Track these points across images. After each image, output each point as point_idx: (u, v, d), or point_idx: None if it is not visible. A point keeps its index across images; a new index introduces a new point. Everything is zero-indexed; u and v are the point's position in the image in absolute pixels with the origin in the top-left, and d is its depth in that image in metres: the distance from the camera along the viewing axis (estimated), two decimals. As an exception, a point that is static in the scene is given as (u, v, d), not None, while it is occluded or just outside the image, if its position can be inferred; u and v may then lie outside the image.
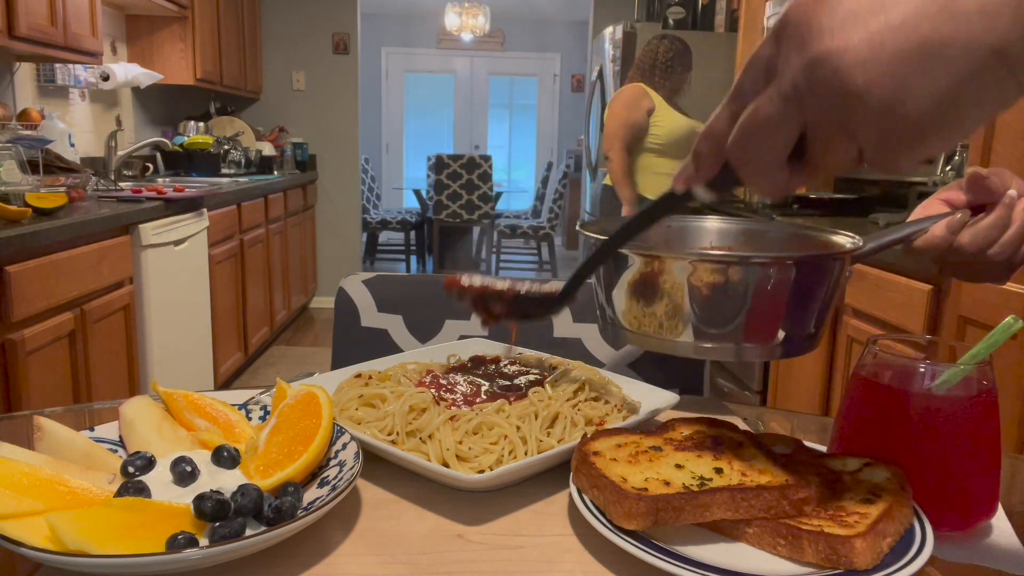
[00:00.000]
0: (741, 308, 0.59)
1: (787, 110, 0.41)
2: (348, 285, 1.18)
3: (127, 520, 0.50)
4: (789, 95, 0.41)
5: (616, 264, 0.63)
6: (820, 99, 0.40)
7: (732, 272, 0.59)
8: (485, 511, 0.62)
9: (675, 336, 0.62)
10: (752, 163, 0.44)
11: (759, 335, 0.61)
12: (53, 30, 2.57)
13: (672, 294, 0.60)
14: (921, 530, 0.54)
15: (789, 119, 0.41)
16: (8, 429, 0.85)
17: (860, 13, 0.38)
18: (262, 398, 0.74)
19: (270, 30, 5.23)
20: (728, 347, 0.61)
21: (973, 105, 0.37)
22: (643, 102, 3.27)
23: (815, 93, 0.40)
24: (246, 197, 3.71)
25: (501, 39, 8.53)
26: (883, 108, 0.38)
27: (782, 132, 0.42)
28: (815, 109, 0.40)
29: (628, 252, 0.62)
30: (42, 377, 1.95)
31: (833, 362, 2.42)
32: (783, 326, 0.61)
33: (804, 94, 0.40)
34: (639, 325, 0.63)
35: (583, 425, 0.70)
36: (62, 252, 2.03)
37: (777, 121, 0.42)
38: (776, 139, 0.42)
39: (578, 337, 1.15)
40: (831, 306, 0.62)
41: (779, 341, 0.61)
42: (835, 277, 0.61)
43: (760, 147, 0.43)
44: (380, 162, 8.62)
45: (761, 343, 0.61)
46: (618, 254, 0.62)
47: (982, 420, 0.59)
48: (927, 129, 0.38)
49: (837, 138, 0.41)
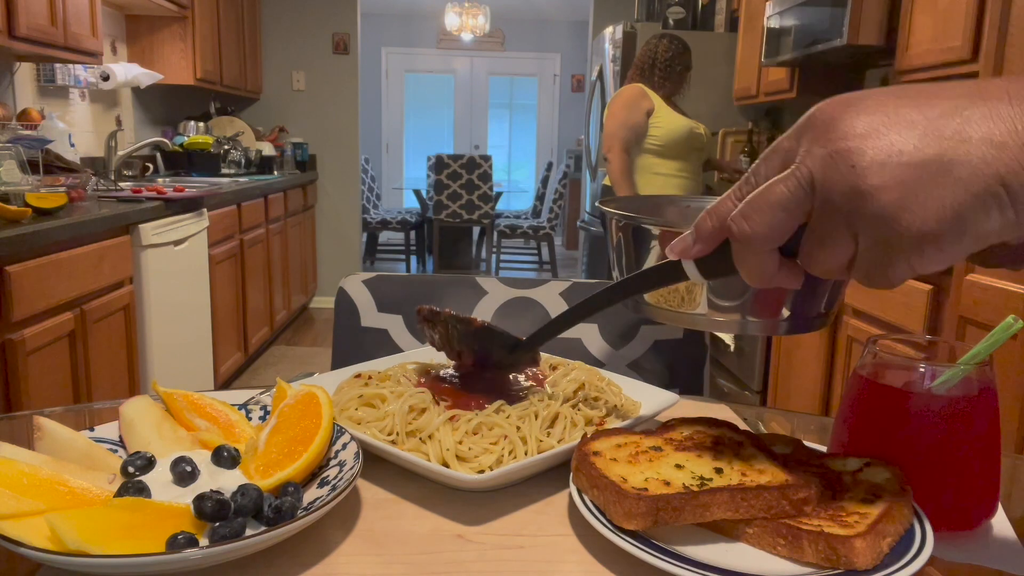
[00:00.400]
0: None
1: (799, 193, 0.43)
2: (348, 285, 1.18)
3: (127, 520, 0.50)
4: (804, 180, 0.43)
5: (638, 241, 0.63)
6: (832, 190, 0.42)
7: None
8: (485, 511, 0.62)
9: (692, 309, 0.62)
10: (749, 240, 0.45)
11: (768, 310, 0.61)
12: (53, 30, 2.57)
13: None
14: (921, 530, 0.54)
15: (798, 202, 0.43)
16: (8, 429, 0.85)
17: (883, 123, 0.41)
18: (262, 398, 0.74)
19: (270, 30, 5.23)
20: (738, 320, 0.61)
21: (973, 226, 0.40)
22: (642, 103, 3.26)
23: (829, 183, 0.42)
24: (246, 197, 3.71)
25: (501, 39, 8.53)
26: (890, 211, 0.40)
27: (788, 213, 0.44)
28: (825, 199, 0.42)
29: (651, 227, 0.62)
30: (42, 377, 1.95)
31: (833, 362, 2.42)
32: (793, 302, 0.61)
33: (818, 182, 0.42)
34: (660, 300, 0.63)
35: (583, 425, 0.70)
36: (62, 252, 2.03)
37: (786, 200, 0.43)
38: (779, 219, 0.44)
39: (578, 337, 1.15)
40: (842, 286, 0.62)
41: (786, 316, 0.61)
42: None
43: (763, 222, 0.44)
44: (380, 162, 8.62)
45: (771, 318, 0.61)
46: (641, 230, 0.63)
47: (982, 420, 0.59)
48: (925, 240, 0.40)
49: (837, 232, 0.43)
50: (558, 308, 1.16)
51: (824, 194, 0.42)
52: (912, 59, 2.51)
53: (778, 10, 3.40)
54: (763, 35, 3.60)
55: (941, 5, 2.35)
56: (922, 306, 1.96)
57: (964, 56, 2.23)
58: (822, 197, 0.42)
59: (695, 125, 3.34)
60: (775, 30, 3.45)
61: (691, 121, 3.35)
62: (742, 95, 4.16)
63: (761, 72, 3.84)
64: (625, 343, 1.14)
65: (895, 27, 2.67)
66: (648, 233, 0.62)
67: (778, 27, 3.41)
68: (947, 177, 0.39)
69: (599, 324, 1.15)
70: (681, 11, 4.63)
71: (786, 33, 3.32)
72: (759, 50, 3.72)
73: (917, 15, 2.49)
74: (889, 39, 2.74)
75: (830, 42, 2.90)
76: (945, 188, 0.39)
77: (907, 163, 0.40)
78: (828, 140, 0.42)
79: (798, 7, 3.19)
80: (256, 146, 4.76)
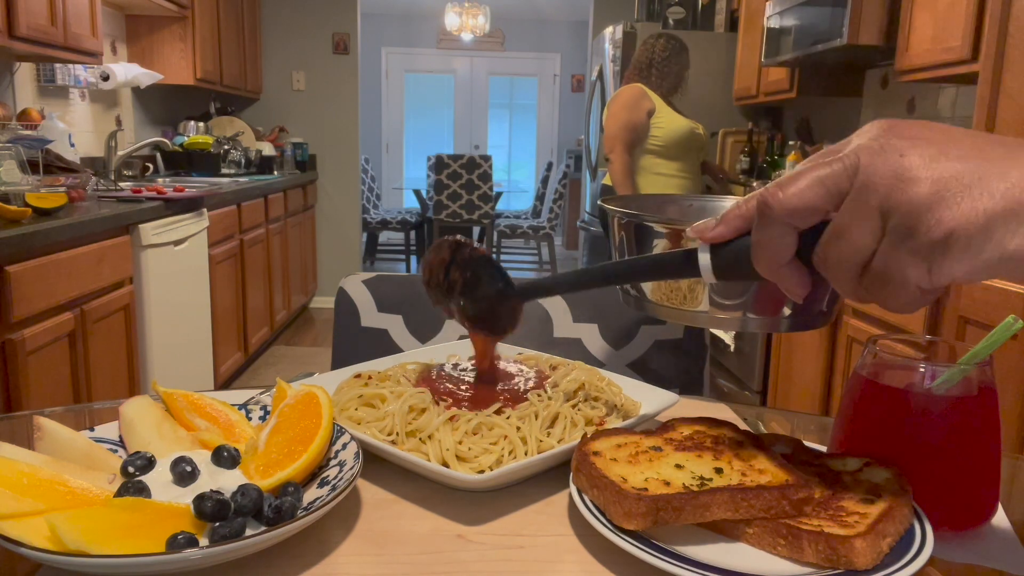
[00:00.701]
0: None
1: (840, 173, 0.45)
2: (348, 285, 1.18)
3: (127, 520, 0.50)
4: (849, 163, 0.44)
5: (640, 239, 0.63)
6: (875, 173, 0.43)
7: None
8: (485, 511, 0.62)
9: (694, 306, 0.62)
10: (781, 204, 0.46)
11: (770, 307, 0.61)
12: (53, 30, 2.57)
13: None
14: (921, 530, 0.54)
15: (837, 181, 0.45)
16: (8, 429, 0.85)
17: (934, 136, 0.44)
18: (262, 398, 0.74)
19: (270, 30, 5.23)
20: (739, 317, 0.61)
21: (999, 237, 0.41)
22: (643, 103, 3.26)
23: (872, 168, 0.43)
24: (246, 197, 3.71)
25: (501, 39, 8.53)
26: (927, 200, 0.42)
27: (824, 189, 0.45)
28: (865, 181, 0.44)
29: (654, 225, 0.62)
30: (42, 377, 1.95)
31: (833, 362, 2.42)
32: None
33: (863, 167, 0.44)
34: (661, 297, 0.64)
35: (583, 425, 0.70)
36: (62, 252, 2.03)
37: (826, 176, 0.45)
38: (815, 192, 0.45)
39: (578, 337, 1.15)
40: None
41: (788, 313, 0.61)
42: None
43: (797, 192, 0.46)
44: (380, 162, 8.62)
45: (773, 315, 0.61)
46: (644, 228, 0.62)
47: (982, 420, 0.59)
48: (951, 239, 0.42)
49: (865, 217, 0.44)
50: (558, 308, 1.16)
51: (865, 177, 0.44)
52: (912, 59, 2.51)
53: (778, 10, 3.40)
54: (763, 35, 3.60)
55: (941, 5, 2.35)
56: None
57: (964, 56, 2.23)
58: (862, 180, 0.44)
59: (695, 125, 3.35)
60: (775, 30, 3.45)
61: (691, 121, 3.35)
62: (742, 95, 4.16)
63: (761, 72, 3.84)
64: (625, 343, 1.14)
65: (895, 27, 2.67)
66: (650, 231, 0.62)
67: (778, 27, 3.41)
68: (985, 186, 0.41)
69: (599, 324, 1.15)
70: (681, 11, 4.63)
71: (786, 33, 3.32)
72: (759, 50, 3.72)
73: (917, 15, 2.49)
74: (889, 39, 2.74)
75: (830, 42, 2.90)
76: (982, 194, 0.41)
77: (952, 165, 0.42)
78: (881, 136, 0.44)
79: (798, 7, 3.19)
80: (256, 146, 4.76)
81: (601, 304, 1.15)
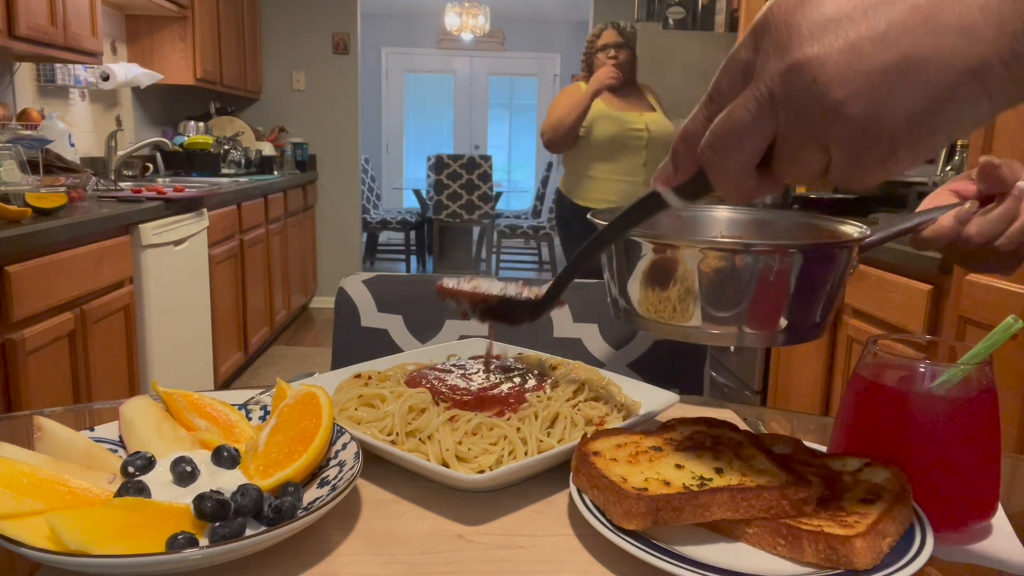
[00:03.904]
0: (748, 294, 0.59)
1: (761, 116, 0.41)
2: (348, 285, 1.18)
3: (127, 520, 0.50)
4: (764, 101, 0.40)
5: (628, 253, 0.63)
6: (796, 108, 0.39)
7: (739, 259, 0.59)
8: (485, 511, 0.62)
9: (685, 321, 0.62)
10: (722, 167, 0.44)
11: (765, 321, 0.61)
12: (53, 30, 2.57)
13: (683, 279, 0.60)
14: (921, 530, 0.54)
15: (762, 125, 0.41)
16: (8, 429, 0.85)
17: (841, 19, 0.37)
18: (262, 398, 0.74)
19: (270, 30, 5.23)
20: (734, 332, 0.61)
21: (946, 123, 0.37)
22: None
23: (791, 102, 0.39)
24: (246, 197, 3.71)
25: (501, 39, 8.53)
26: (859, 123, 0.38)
27: (754, 138, 0.42)
28: (790, 118, 0.40)
29: (640, 240, 0.62)
30: (42, 377, 1.95)
31: (833, 362, 2.42)
32: (789, 312, 0.61)
33: (780, 102, 0.40)
34: (650, 311, 0.63)
35: (583, 425, 0.70)
36: (62, 252, 2.03)
37: (750, 127, 0.41)
38: (747, 145, 0.42)
39: (578, 337, 1.15)
40: (837, 295, 0.62)
41: (783, 327, 0.61)
42: (841, 266, 0.61)
43: (731, 152, 0.43)
44: (380, 162, 8.61)
45: (768, 329, 0.61)
46: (630, 242, 0.62)
47: (982, 420, 0.59)
48: (899, 145, 0.38)
49: (807, 148, 0.41)
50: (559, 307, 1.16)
51: (788, 111, 0.40)
52: (912, 59, 2.51)
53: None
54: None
55: (941, 5, 2.35)
56: (922, 306, 1.95)
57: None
58: (786, 114, 0.40)
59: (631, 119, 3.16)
60: (775, 30, 3.44)
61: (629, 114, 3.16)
62: (742, 95, 4.16)
63: (761, 72, 3.84)
64: (625, 343, 1.14)
65: (895, 27, 2.66)
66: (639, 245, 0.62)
67: (778, 27, 3.40)
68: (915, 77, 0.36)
69: (599, 324, 1.15)
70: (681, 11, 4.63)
71: (786, 33, 3.31)
72: (759, 50, 3.71)
73: (917, 15, 2.49)
74: (889, 39, 2.74)
75: (830, 42, 2.89)
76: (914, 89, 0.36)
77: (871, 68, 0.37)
78: (784, 49, 0.39)
79: (798, 7, 3.18)
80: (256, 146, 4.76)
81: (601, 304, 1.15)
